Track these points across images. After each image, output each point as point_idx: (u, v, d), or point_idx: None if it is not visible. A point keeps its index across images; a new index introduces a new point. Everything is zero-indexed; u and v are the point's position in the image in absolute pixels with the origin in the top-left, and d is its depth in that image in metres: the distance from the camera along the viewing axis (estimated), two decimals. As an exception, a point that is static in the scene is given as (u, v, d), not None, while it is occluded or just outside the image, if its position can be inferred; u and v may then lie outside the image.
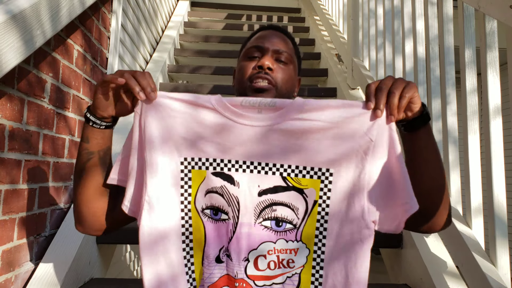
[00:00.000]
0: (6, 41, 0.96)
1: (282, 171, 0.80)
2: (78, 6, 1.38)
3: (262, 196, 0.80)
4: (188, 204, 0.82)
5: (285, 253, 0.80)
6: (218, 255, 0.81)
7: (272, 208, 0.80)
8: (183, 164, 0.81)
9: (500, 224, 1.17)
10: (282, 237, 0.80)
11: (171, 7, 3.66)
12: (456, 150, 1.45)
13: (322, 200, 0.80)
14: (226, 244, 0.81)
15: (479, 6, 1.16)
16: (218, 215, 0.81)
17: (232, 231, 0.81)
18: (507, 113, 4.29)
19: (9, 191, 1.09)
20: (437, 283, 1.23)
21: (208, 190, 0.81)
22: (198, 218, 0.82)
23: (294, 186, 0.80)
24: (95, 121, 0.83)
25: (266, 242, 0.80)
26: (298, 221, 0.80)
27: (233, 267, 0.80)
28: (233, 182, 0.80)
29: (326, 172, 0.80)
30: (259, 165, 0.80)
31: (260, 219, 0.80)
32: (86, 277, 1.35)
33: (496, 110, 1.20)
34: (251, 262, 0.80)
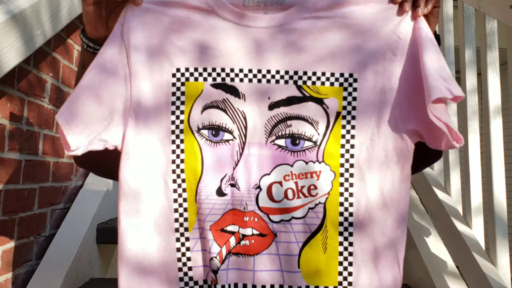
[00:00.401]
0: (6, 41, 0.96)
1: (296, 78, 0.66)
2: (78, 6, 1.38)
3: (274, 109, 0.67)
4: (180, 124, 0.67)
5: (304, 178, 0.65)
6: (219, 187, 0.66)
7: (286, 124, 0.66)
8: (175, 76, 0.67)
9: (500, 224, 1.17)
10: (301, 158, 0.66)
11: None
12: (456, 150, 1.45)
13: (347, 112, 0.66)
14: (231, 171, 0.66)
15: (479, 6, 1.16)
16: (219, 135, 0.67)
17: (239, 153, 0.67)
18: (507, 113, 4.28)
19: (9, 191, 1.09)
20: (437, 283, 1.23)
21: (206, 105, 0.67)
22: (193, 140, 0.67)
23: (311, 96, 0.66)
24: (88, 43, 0.71)
25: (282, 165, 0.66)
26: (319, 137, 0.66)
27: (241, 198, 0.65)
28: (238, 94, 0.67)
29: (349, 77, 0.66)
30: (268, 73, 0.66)
31: (273, 137, 0.66)
32: (86, 277, 1.35)
33: (496, 110, 1.20)
34: (263, 190, 0.65)
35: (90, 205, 1.45)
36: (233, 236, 0.65)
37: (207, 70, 0.66)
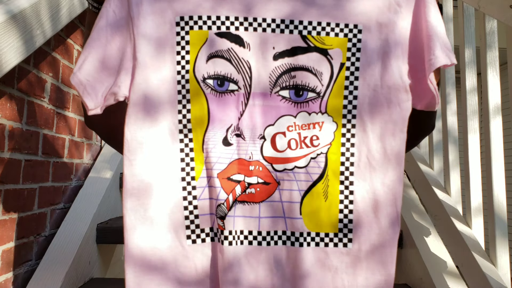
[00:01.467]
0: (6, 40, 0.96)
1: (301, 28, 0.66)
2: (78, 5, 1.38)
3: (278, 60, 0.67)
4: (186, 74, 0.67)
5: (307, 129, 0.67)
6: (225, 136, 0.67)
7: (290, 74, 0.67)
8: (179, 25, 0.66)
9: (500, 224, 1.17)
10: (304, 109, 0.67)
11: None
12: (456, 150, 1.45)
13: (351, 63, 0.67)
14: (236, 121, 0.67)
15: (479, 6, 1.16)
16: (224, 85, 0.67)
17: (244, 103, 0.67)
18: (507, 112, 4.29)
19: (9, 191, 1.09)
20: (437, 283, 1.23)
21: (211, 54, 0.67)
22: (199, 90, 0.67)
23: (316, 46, 0.67)
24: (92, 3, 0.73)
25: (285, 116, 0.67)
26: (322, 88, 0.67)
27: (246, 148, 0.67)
28: (243, 43, 0.67)
29: (354, 28, 0.67)
30: (273, 22, 0.66)
31: (277, 87, 0.67)
32: (86, 277, 1.35)
33: (496, 109, 1.20)
34: (267, 140, 0.67)
35: (90, 205, 1.45)
36: (239, 184, 0.66)
37: (211, 18, 0.66)
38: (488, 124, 1.20)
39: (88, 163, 1.61)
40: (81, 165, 1.54)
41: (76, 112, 1.49)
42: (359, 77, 0.67)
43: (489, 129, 1.19)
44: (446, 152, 1.46)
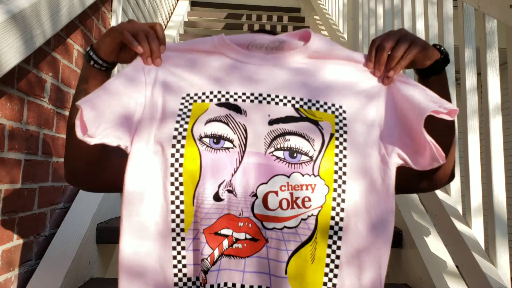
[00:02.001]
0: (6, 40, 0.96)
1: (294, 102, 0.72)
2: (78, 5, 1.38)
3: (274, 125, 0.71)
4: (183, 131, 0.70)
5: (300, 189, 0.68)
6: (217, 192, 0.68)
7: (285, 138, 0.70)
8: (184, 99, 0.73)
9: (500, 224, 1.17)
10: (297, 170, 0.68)
11: (171, 7, 3.66)
12: (456, 149, 1.45)
13: (339, 134, 0.71)
14: (229, 177, 0.68)
15: (479, 6, 1.16)
16: (220, 143, 0.70)
17: (238, 160, 0.69)
18: (507, 112, 4.29)
19: (9, 191, 1.09)
20: (437, 283, 1.23)
21: (210, 119, 0.71)
22: (193, 146, 0.69)
23: (308, 117, 0.72)
24: (97, 60, 0.77)
25: (279, 175, 0.68)
26: (315, 153, 0.70)
27: (237, 204, 0.67)
28: (240, 111, 0.71)
29: (339, 108, 0.74)
30: (269, 96, 0.72)
31: (272, 148, 0.69)
32: (86, 277, 1.35)
33: (496, 109, 1.20)
34: (259, 198, 0.68)
35: (90, 205, 1.45)
36: (227, 239, 0.67)
37: (213, 93, 0.73)
38: (488, 124, 1.20)
39: (88, 163, 1.61)
40: (81, 165, 1.55)
41: (76, 112, 1.49)
42: (347, 147, 0.71)
43: (489, 129, 1.19)
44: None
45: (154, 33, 0.76)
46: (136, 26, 0.75)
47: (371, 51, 0.76)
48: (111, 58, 0.78)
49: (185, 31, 3.73)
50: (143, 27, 0.75)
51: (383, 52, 0.74)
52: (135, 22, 0.76)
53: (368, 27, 2.35)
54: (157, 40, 0.75)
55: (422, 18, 1.71)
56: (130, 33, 0.74)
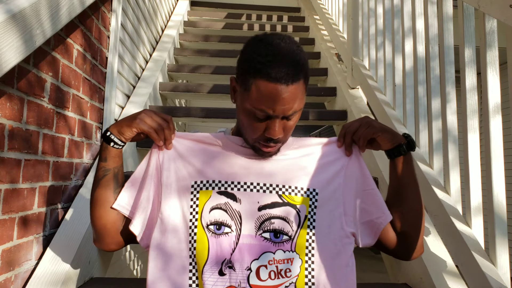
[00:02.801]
0: (6, 40, 0.96)
1: (277, 189, 0.94)
2: (78, 5, 1.37)
3: (262, 210, 0.92)
4: (195, 221, 0.92)
5: (283, 263, 0.90)
6: (220, 268, 0.89)
7: (270, 221, 0.92)
8: (193, 187, 0.95)
9: (500, 224, 1.17)
10: (280, 247, 0.91)
11: (171, 7, 3.66)
12: (456, 149, 1.45)
13: (311, 215, 0.93)
14: (229, 256, 0.89)
15: (479, 6, 1.16)
16: (221, 229, 0.91)
17: (235, 242, 0.90)
18: (507, 112, 4.29)
19: (9, 191, 1.09)
20: (436, 283, 1.23)
21: (213, 207, 0.93)
22: (203, 233, 0.91)
23: (288, 202, 0.93)
24: (117, 142, 0.97)
25: (267, 252, 0.90)
26: (293, 233, 0.92)
27: (236, 277, 0.88)
28: (236, 199, 0.93)
29: (313, 191, 0.95)
30: (258, 185, 0.94)
31: (261, 231, 0.91)
32: (86, 277, 1.35)
33: (496, 109, 1.20)
34: (253, 271, 0.89)
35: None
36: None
37: (215, 182, 0.95)
38: (488, 124, 1.20)
39: (88, 163, 1.61)
40: (81, 165, 1.55)
41: (75, 112, 1.49)
42: (316, 226, 0.93)
43: (489, 129, 1.19)
44: (445, 151, 1.46)
45: (168, 125, 0.97)
46: (156, 121, 0.96)
47: (340, 134, 1.02)
48: (127, 139, 0.98)
49: (185, 30, 3.73)
50: (160, 121, 0.97)
51: (348, 135, 1.00)
52: (153, 114, 0.97)
53: (368, 26, 2.35)
54: (170, 130, 0.97)
55: (422, 17, 1.71)
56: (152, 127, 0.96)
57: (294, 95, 0.86)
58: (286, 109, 0.86)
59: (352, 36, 2.54)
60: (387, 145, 1.00)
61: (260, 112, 0.87)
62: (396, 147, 1.00)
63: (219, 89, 2.65)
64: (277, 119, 0.87)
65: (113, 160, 0.99)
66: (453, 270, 1.28)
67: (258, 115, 0.88)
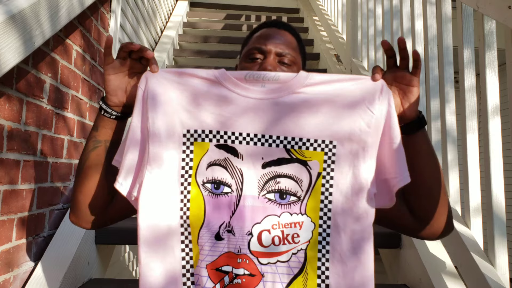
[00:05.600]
0: (5, 41, 0.96)
1: (285, 143, 0.78)
2: (77, 6, 1.38)
3: (266, 168, 0.79)
4: (188, 178, 0.79)
5: (289, 227, 0.77)
6: (218, 232, 0.78)
7: (276, 180, 0.79)
8: (186, 136, 0.79)
9: (499, 224, 1.17)
10: (286, 210, 0.78)
11: (170, 8, 3.66)
12: (455, 149, 1.45)
13: (326, 172, 0.78)
14: (228, 219, 0.78)
15: (478, 7, 1.16)
16: (219, 189, 0.79)
17: (236, 204, 0.78)
18: (505, 113, 4.29)
19: (8, 191, 1.09)
20: (435, 283, 1.23)
21: (210, 163, 0.79)
22: (198, 192, 0.79)
23: (297, 158, 0.78)
24: (106, 109, 0.84)
25: (270, 215, 0.78)
26: (302, 193, 0.78)
27: (235, 242, 0.77)
28: (237, 154, 0.79)
29: (329, 144, 0.78)
30: (263, 138, 0.79)
31: (264, 191, 0.78)
32: (85, 278, 1.35)
33: (494, 109, 1.20)
34: (254, 236, 0.77)
35: (89, 206, 1.45)
36: (227, 275, 0.76)
37: (212, 133, 0.79)
38: (486, 124, 1.20)
39: (87, 164, 1.61)
40: (80, 166, 1.54)
41: (75, 113, 1.49)
42: (333, 185, 0.78)
43: (488, 129, 1.20)
44: (444, 152, 1.46)
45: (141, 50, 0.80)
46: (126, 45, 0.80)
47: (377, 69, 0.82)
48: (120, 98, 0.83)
49: (184, 31, 3.73)
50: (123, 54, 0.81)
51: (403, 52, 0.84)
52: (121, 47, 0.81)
53: (367, 27, 2.35)
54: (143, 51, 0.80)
55: (421, 18, 1.71)
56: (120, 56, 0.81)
57: (287, 39, 0.93)
58: (278, 46, 0.91)
59: (351, 37, 2.55)
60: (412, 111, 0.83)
61: (254, 49, 0.92)
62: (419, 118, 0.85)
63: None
64: (271, 54, 0.91)
65: (105, 132, 0.85)
66: (452, 270, 1.28)
67: (252, 55, 0.92)
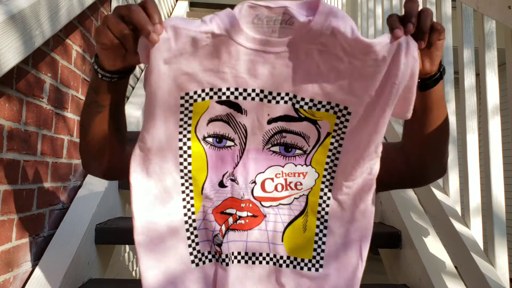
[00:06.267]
0: (5, 41, 0.96)
1: (294, 102, 0.72)
2: (77, 6, 1.37)
3: (272, 123, 0.75)
4: (187, 134, 0.74)
5: (293, 176, 0.78)
6: (221, 180, 0.78)
7: (281, 135, 0.76)
8: (184, 99, 0.70)
9: (499, 224, 1.17)
10: (291, 161, 0.78)
11: (170, 7, 3.66)
12: (455, 150, 1.45)
13: (337, 133, 0.75)
14: (231, 169, 0.77)
15: (478, 7, 1.16)
16: (222, 142, 0.76)
17: (239, 156, 0.77)
18: (505, 113, 4.28)
19: (8, 192, 1.09)
20: (435, 283, 1.23)
21: (211, 118, 0.74)
22: (198, 145, 0.76)
23: (306, 117, 0.74)
24: (104, 74, 0.71)
25: (274, 166, 0.78)
26: (309, 148, 0.77)
27: (239, 190, 0.77)
28: (240, 110, 0.73)
29: (343, 109, 0.73)
30: (270, 94, 0.72)
31: (269, 145, 0.77)
32: (85, 278, 1.35)
33: (494, 109, 1.20)
34: (258, 184, 0.78)
35: (89, 206, 1.45)
36: (231, 216, 0.78)
37: (213, 90, 0.72)
38: (486, 124, 1.20)
39: (87, 164, 1.61)
40: (80, 166, 1.54)
41: (75, 113, 1.49)
42: (343, 145, 0.76)
43: (488, 129, 1.20)
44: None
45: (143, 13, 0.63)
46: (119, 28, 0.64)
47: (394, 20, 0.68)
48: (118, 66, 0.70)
49: (184, 31, 3.73)
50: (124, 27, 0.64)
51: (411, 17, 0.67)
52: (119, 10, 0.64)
53: (367, 27, 2.35)
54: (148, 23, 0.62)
55: (421, 18, 1.71)
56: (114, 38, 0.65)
57: None
58: None
59: (351, 37, 2.55)
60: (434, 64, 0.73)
61: None
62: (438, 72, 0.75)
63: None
64: None
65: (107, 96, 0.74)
66: (452, 271, 1.28)
67: None
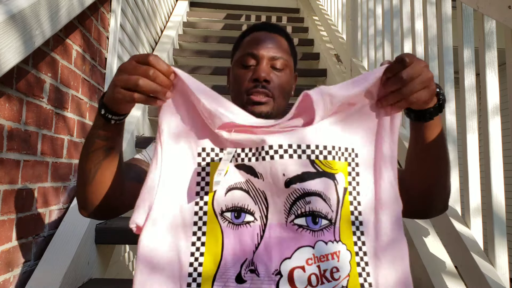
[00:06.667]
0: (5, 41, 0.96)
1: (309, 152, 0.65)
2: (77, 6, 1.37)
3: (290, 186, 0.65)
4: (204, 206, 0.66)
5: (326, 260, 0.63)
6: (239, 273, 0.63)
7: (305, 200, 0.65)
8: (201, 156, 0.67)
9: (499, 224, 1.17)
10: (320, 238, 0.64)
11: (170, 7, 3.66)
12: (455, 150, 1.45)
13: (352, 187, 0.67)
14: (251, 255, 0.64)
15: (478, 7, 1.16)
16: (241, 217, 0.66)
17: (260, 235, 0.65)
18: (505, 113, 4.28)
19: (8, 191, 1.08)
20: (435, 283, 1.23)
21: (230, 187, 0.67)
22: (215, 223, 0.65)
23: (324, 171, 0.66)
24: (112, 117, 0.70)
25: (303, 247, 0.64)
26: (333, 214, 0.65)
27: (260, 285, 0.62)
28: (256, 174, 0.66)
29: (352, 152, 0.68)
30: (280, 148, 0.64)
31: (292, 216, 0.65)
32: (85, 277, 1.35)
33: (494, 109, 1.20)
34: (284, 276, 0.62)
35: (89, 205, 1.45)
36: None
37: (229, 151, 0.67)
38: (486, 124, 1.20)
39: (87, 164, 1.61)
40: (80, 166, 1.54)
41: (75, 113, 1.49)
42: (361, 202, 0.67)
43: (488, 129, 1.19)
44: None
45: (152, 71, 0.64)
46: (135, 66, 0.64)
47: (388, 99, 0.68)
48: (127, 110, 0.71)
49: (184, 31, 3.73)
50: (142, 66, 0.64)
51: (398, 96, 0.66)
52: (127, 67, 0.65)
53: (367, 27, 2.35)
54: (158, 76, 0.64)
55: (421, 18, 1.71)
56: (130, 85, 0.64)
57: (278, 43, 0.94)
58: (271, 50, 0.92)
59: (351, 37, 2.54)
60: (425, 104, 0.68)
61: (247, 55, 0.93)
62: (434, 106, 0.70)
63: (218, 90, 2.63)
64: (264, 60, 0.91)
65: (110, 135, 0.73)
66: (452, 270, 1.28)
67: (245, 61, 0.93)
